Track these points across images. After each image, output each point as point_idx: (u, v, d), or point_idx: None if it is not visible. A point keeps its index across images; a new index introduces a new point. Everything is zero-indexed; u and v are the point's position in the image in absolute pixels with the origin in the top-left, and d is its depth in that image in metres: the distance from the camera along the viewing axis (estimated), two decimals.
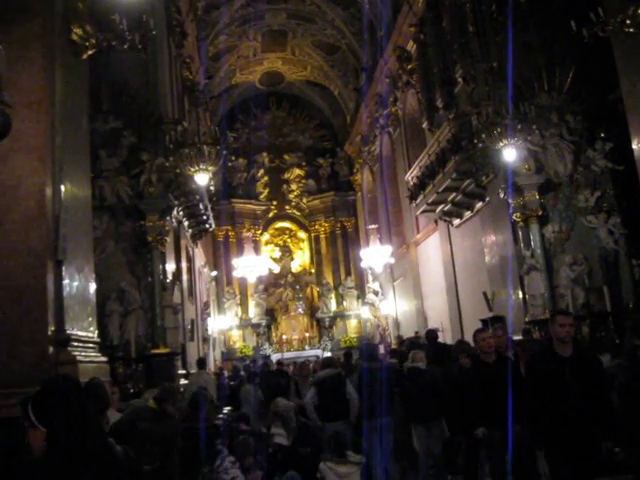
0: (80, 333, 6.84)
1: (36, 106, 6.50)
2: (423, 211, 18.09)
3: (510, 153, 11.32)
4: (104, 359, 7.60)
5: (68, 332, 6.50)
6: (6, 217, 6.28)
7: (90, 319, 7.48)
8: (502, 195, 12.74)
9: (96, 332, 7.71)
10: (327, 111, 33.35)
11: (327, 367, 8.52)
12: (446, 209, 16.90)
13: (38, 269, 6.26)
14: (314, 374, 10.26)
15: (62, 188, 6.86)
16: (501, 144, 11.23)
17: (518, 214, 12.44)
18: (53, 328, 6.31)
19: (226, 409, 9.67)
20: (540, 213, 12.39)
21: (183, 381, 12.41)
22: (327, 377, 8.16)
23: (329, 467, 5.69)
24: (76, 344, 6.64)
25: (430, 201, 16.85)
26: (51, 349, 6.22)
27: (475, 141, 12.95)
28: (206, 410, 6.85)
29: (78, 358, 6.44)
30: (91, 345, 7.20)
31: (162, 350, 12.00)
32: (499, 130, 11.16)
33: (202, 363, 12.50)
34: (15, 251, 6.24)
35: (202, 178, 12.20)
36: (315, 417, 7.88)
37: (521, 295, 12.51)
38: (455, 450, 7.24)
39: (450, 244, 18.41)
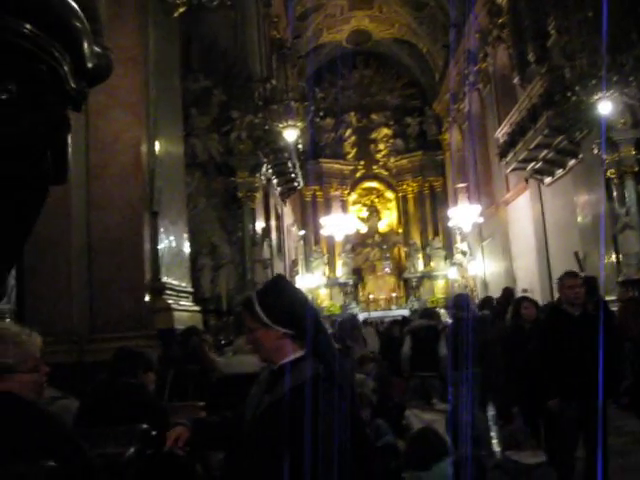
0: (174, 282, 7.12)
1: (131, 63, 6.71)
2: (513, 169, 17.73)
3: (605, 106, 10.93)
4: (197, 308, 7.89)
5: (163, 281, 6.77)
6: (104, 171, 6.56)
7: (184, 270, 7.77)
8: (596, 151, 12.34)
9: (190, 283, 8.00)
10: (415, 69, 32.83)
11: (425, 318, 8.54)
12: (537, 167, 16.50)
13: (135, 220, 6.53)
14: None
15: (157, 143, 7.09)
16: (596, 97, 10.86)
17: (613, 170, 12.05)
18: (149, 277, 6.59)
19: None
20: (636, 169, 11.95)
21: None
22: (421, 327, 8.20)
23: (415, 414, 5.80)
24: (170, 292, 6.93)
25: (521, 158, 16.48)
26: (147, 297, 6.51)
27: (568, 95, 12.53)
28: None
29: (173, 306, 6.72)
30: (185, 294, 7.49)
31: None
32: (594, 83, 10.78)
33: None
34: (113, 204, 6.51)
35: (291, 134, 12.33)
36: (407, 369, 7.95)
37: (614, 255, 12.15)
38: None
39: (541, 203, 17.99)
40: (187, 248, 8.11)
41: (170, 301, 6.79)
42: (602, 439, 4.39)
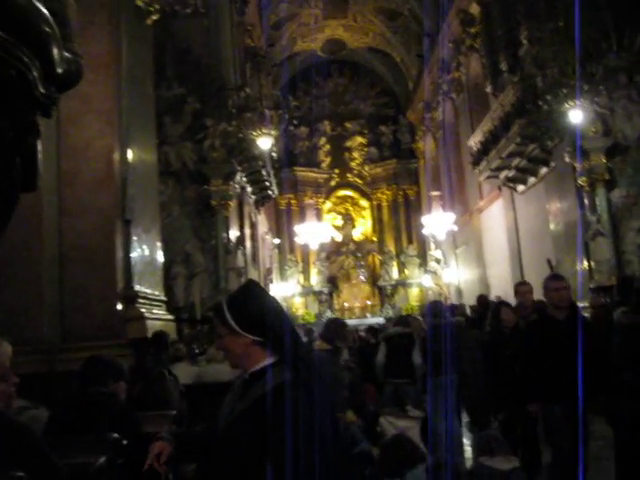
0: (147, 291, 7.07)
1: (103, 70, 6.68)
2: (487, 177, 17.87)
3: (576, 115, 11.07)
4: (170, 317, 7.84)
5: (136, 289, 6.72)
6: (76, 178, 6.51)
7: (157, 278, 7.72)
8: (568, 159, 12.48)
9: (163, 291, 7.95)
10: (389, 78, 33.03)
11: (400, 325, 8.56)
12: (510, 175, 16.64)
13: (107, 228, 6.48)
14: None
15: (129, 151, 7.05)
16: (567, 106, 10.99)
17: (584, 178, 12.19)
18: (121, 285, 6.54)
19: None
20: (607, 177, 12.10)
21: None
22: (396, 334, 8.22)
23: (389, 421, 5.79)
24: (143, 301, 6.87)
25: (494, 166, 16.63)
26: (120, 305, 6.46)
27: (540, 104, 12.68)
28: None
29: (146, 315, 6.67)
30: (158, 303, 7.44)
31: None
32: (565, 91, 10.93)
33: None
34: (85, 211, 6.46)
35: (265, 142, 12.35)
36: (381, 376, 7.95)
37: (586, 262, 12.28)
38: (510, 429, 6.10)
39: (514, 211, 18.15)
40: (160, 256, 8.06)
41: (143, 310, 6.74)
42: (583, 442, 4.42)
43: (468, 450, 6.84)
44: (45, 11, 2.18)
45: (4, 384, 2.23)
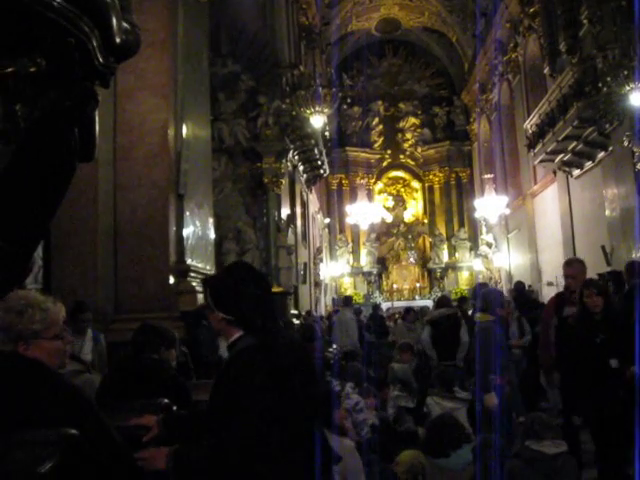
0: (199, 265, 7.16)
1: (159, 45, 6.74)
2: (542, 160, 17.55)
3: (637, 98, 10.76)
4: None
5: (188, 263, 6.81)
6: (131, 153, 6.61)
7: (209, 253, 7.81)
8: (627, 143, 12.17)
9: (214, 267, 8.04)
10: (444, 58, 32.60)
11: (442, 307, 8.52)
12: (566, 159, 16.32)
13: (161, 202, 6.57)
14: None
15: (184, 126, 7.12)
16: (627, 88, 10.69)
17: None
18: (174, 259, 6.64)
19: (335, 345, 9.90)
20: None
21: (295, 321, 12.76)
22: (441, 317, 8.18)
23: (436, 401, 5.79)
24: (195, 275, 6.96)
25: (549, 150, 16.32)
26: (172, 279, 6.55)
27: (599, 86, 12.36)
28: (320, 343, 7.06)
29: (197, 288, 6.75)
30: None
31: (275, 289, 12.33)
32: (626, 73, 10.61)
33: (348, 301, 12.83)
34: (140, 185, 6.56)
35: (317, 120, 12.34)
36: (433, 354, 7.93)
37: None
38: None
39: (569, 196, 17.81)
40: (212, 232, 8.15)
41: (194, 284, 6.83)
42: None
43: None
44: None
45: (59, 342, 2.29)
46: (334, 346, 9.18)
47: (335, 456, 3.00)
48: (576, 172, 16.70)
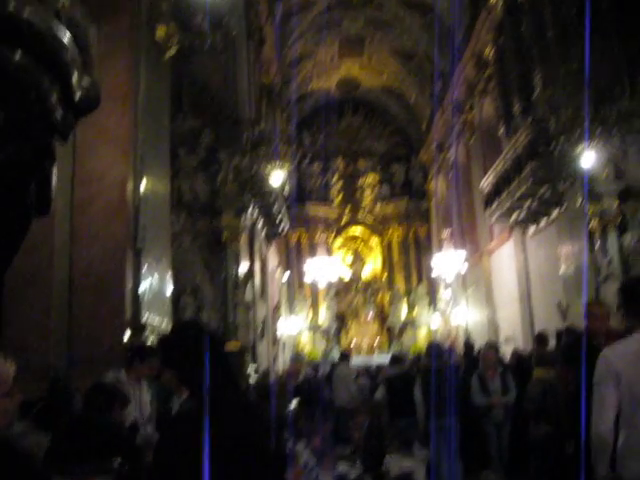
0: (156, 319, 7.06)
1: (121, 100, 6.76)
2: (498, 218, 17.84)
3: (588, 158, 11.08)
4: None
5: (144, 319, 6.72)
6: (90, 206, 6.56)
7: (166, 309, 7.72)
8: (579, 202, 12.47)
9: (171, 322, 7.94)
10: (402, 118, 33.25)
11: (395, 363, 8.55)
12: (521, 217, 16.62)
13: (118, 257, 6.50)
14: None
15: (143, 181, 7.10)
16: (579, 149, 11.00)
17: (596, 221, 12.16)
18: (130, 314, 6.54)
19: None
20: (619, 221, 12.08)
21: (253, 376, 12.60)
22: (396, 376, 8.20)
23: (394, 460, 5.74)
24: (151, 331, 6.86)
25: (505, 208, 16.61)
26: (127, 334, 6.44)
27: (552, 146, 12.72)
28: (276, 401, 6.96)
29: (152, 344, 6.64)
30: None
31: (232, 346, 12.17)
32: (577, 134, 10.94)
33: (345, 356, 12.87)
34: (97, 239, 6.50)
35: (277, 176, 12.41)
36: (386, 413, 7.93)
37: None
38: None
39: (525, 253, 18.07)
40: (170, 286, 8.07)
41: (150, 339, 6.72)
42: None
43: None
44: (66, 37, 2.22)
45: (7, 400, 2.22)
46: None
47: None
48: (532, 229, 17.01)
